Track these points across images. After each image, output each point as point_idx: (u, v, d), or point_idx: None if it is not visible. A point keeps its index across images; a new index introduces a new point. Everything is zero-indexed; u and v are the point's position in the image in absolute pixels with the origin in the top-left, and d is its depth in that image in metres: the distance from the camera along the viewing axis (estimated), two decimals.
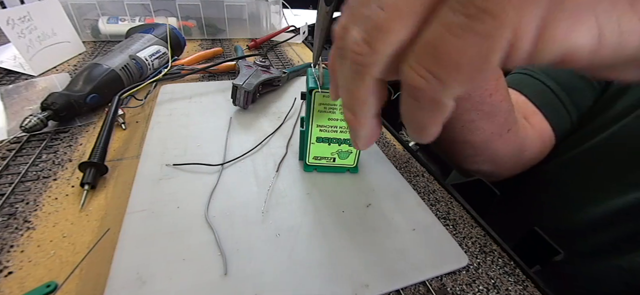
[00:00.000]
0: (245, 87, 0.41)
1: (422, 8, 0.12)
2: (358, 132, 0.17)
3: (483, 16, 0.10)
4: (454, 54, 0.11)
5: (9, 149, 0.36)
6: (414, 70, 0.12)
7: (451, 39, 0.11)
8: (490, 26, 0.10)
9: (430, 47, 0.11)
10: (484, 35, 0.10)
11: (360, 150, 0.19)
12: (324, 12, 0.25)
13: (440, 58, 0.11)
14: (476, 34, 0.10)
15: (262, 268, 0.24)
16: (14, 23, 0.50)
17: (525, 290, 0.25)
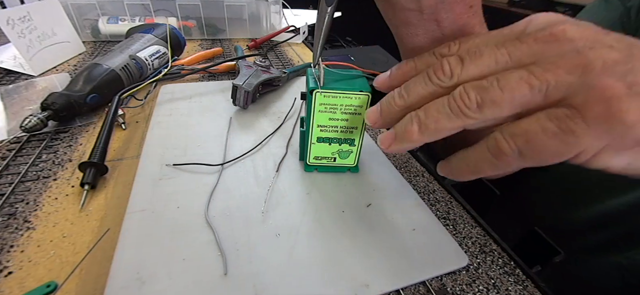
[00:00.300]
0: (245, 87, 0.41)
1: (527, 106, 0.16)
2: (404, 144, 0.21)
3: (570, 133, 0.15)
4: (540, 145, 0.16)
5: (9, 149, 0.36)
6: (505, 141, 0.16)
7: (543, 136, 0.15)
8: (572, 140, 0.15)
9: (525, 132, 0.16)
10: (565, 143, 0.15)
11: (390, 151, 0.22)
12: (324, 13, 0.25)
13: (530, 143, 0.16)
14: (561, 141, 0.15)
15: (262, 268, 0.24)
16: (14, 23, 0.50)
17: (525, 290, 0.25)
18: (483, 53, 0.17)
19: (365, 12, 1.32)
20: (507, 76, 0.16)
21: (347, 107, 0.28)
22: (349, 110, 0.28)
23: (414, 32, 0.26)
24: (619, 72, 0.14)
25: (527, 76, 0.15)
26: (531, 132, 0.16)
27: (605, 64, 0.14)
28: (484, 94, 0.17)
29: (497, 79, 0.16)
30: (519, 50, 0.16)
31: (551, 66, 0.15)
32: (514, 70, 0.16)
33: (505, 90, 0.16)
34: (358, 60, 0.69)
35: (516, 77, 0.16)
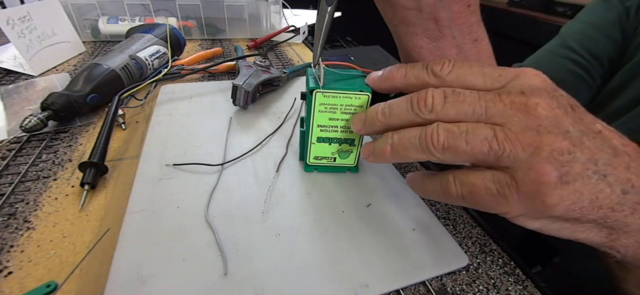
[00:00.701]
0: (245, 87, 0.41)
1: (481, 161, 0.19)
2: (379, 159, 0.23)
3: (504, 197, 0.18)
4: (479, 198, 0.19)
5: (9, 149, 0.36)
6: (454, 185, 0.20)
7: (483, 192, 0.19)
8: (504, 203, 0.19)
9: (471, 185, 0.20)
10: (498, 203, 0.19)
11: (368, 160, 0.25)
12: (324, 13, 0.25)
13: (472, 194, 0.20)
14: (495, 201, 0.19)
15: (262, 268, 0.24)
16: (14, 23, 0.50)
17: (525, 290, 0.25)
18: (465, 99, 0.19)
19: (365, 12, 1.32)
20: (475, 132, 0.19)
21: (347, 107, 0.28)
22: (349, 110, 0.28)
23: (413, 31, 0.26)
24: (558, 162, 0.17)
25: (490, 139, 0.18)
26: (475, 186, 0.19)
27: (552, 152, 0.17)
28: (451, 141, 0.19)
29: (466, 132, 0.19)
30: (495, 107, 0.19)
31: (513, 136, 0.18)
32: (482, 127, 0.19)
33: (469, 145, 0.19)
34: (358, 60, 0.69)
35: (482, 136, 0.18)
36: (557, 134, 0.17)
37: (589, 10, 0.46)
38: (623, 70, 0.40)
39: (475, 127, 0.19)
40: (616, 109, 0.38)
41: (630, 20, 0.40)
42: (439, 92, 0.20)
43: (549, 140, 0.17)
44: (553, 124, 0.18)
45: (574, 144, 0.17)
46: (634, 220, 0.18)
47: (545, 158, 0.17)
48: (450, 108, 0.20)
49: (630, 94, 0.37)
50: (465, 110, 0.19)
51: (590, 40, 0.43)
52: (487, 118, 0.19)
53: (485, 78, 0.20)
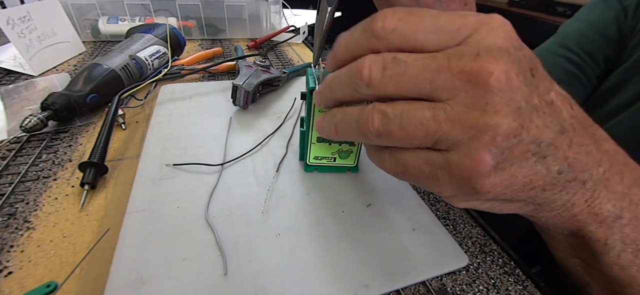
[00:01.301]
0: (245, 87, 0.41)
1: (418, 144, 0.18)
2: (330, 138, 0.22)
3: (436, 179, 0.18)
4: (412, 177, 0.19)
5: (9, 149, 0.36)
6: (389, 162, 0.20)
7: (416, 172, 0.18)
8: (436, 184, 0.18)
9: (405, 164, 0.19)
10: (430, 184, 0.18)
11: (321, 134, 0.23)
12: (325, 12, 0.25)
13: (406, 173, 0.19)
14: (428, 182, 0.18)
15: (262, 268, 0.24)
16: (14, 23, 0.50)
17: (525, 290, 0.25)
18: (407, 70, 0.17)
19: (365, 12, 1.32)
20: (411, 115, 0.17)
21: (347, 106, 0.28)
22: None
23: None
24: (498, 149, 0.16)
25: (427, 122, 0.16)
26: (408, 166, 0.19)
27: (494, 138, 0.15)
28: (385, 125, 0.17)
29: (401, 115, 0.17)
30: (441, 79, 0.16)
31: (454, 116, 0.16)
32: (420, 108, 0.17)
33: (404, 130, 0.17)
34: None
35: (418, 120, 0.17)
36: (505, 114, 0.15)
37: (587, 9, 0.46)
38: (620, 70, 0.40)
39: (412, 108, 0.17)
40: (612, 108, 0.39)
41: (628, 20, 0.40)
42: (377, 61, 0.17)
43: (494, 122, 0.15)
44: (504, 100, 0.15)
45: (522, 124, 0.15)
46: (561, 197, 0.18)
47: (485, 145, 0.15)
48: (389, 82, 0.17)
49: (626, 94, 0.38)
50: (407, 84, 0.17)
51: (587, 40, 0.43)
52: (431, 92, 0.16)
53: (439, 34, 0.17)
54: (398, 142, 0.18)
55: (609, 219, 0.19)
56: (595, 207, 0.19)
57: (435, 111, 0.16)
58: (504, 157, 0.16)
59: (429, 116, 0.16)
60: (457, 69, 0.16)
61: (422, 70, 0.16)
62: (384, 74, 0.17)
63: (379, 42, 0.18)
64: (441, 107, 0.16)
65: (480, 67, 0.15)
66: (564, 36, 0.46)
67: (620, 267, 0.20)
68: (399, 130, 0.17)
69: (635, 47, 0.39)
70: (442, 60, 0.16)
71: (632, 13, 0.40)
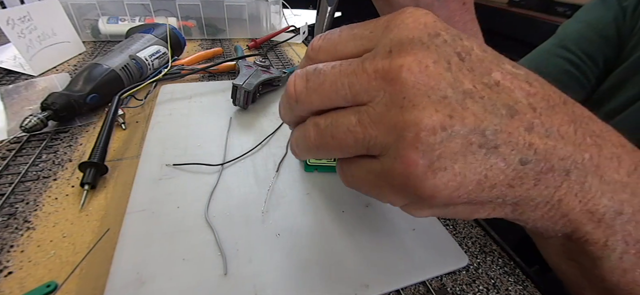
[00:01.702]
0: (245, 87, 0.41)
1: (355, 152, 0.17)
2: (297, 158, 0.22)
3: (379, 189, 0.17)
4: (357, 188, 0.18)
5: (9, 149, 0.36)
6: (341, 170, 0.19)
7: (360, 183, 0.18)
8: (381, 194, 0.17)
9: (345, 174, 0.18)
10: (377, 195, 0.17)
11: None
12: (325, 13, 0.25)
13: (350, 184, 0.18)
14: (375, 193, 0.17)
15: (262, 268, 0.24)
16: (14, 23, 0.50)
17: (525, 290, 0.25)
18: (326, 79, 0.16)
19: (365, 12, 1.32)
20: (339, 122, 0.16)
21: None
22: None
23: None
24: (427, 146, 0.14)
25: (353, 127, 0.16)
26: (356, 177, 0.18)
27: (417, 134, 0.14)
28: (320, 138, 0.17)
29: (331, 124, 0.16)
30: (358, 82, 0.15)
31: (377, 118, 0.15)
32: (346, 115, 0.16)
33: (335, 139, 0.16)
34: None
35: (345, 126, 0.16)
36: (425, 107, 0.14)
37: (587, 10, 0.46)
38: (618, 70, 0.40)
39: (339, 116, 0.16)
40: (612, 109, 0.39)
41: (626, 21, 0.40)
42: (300, 76, 0.17)
43: (413, 117, 0.14)
44: (422, 92, 0.14)
45: (451, 115, 0.14)
46: (539, 192, 0.15)
47: (410, 143, 0.14)
48: (313, 93, 0.17)
49: (625, 94, 0.38)
50: (328, 91, 0.16)
51: (586, 41, 0.43)
52: (353, 97, 0.16)
53: (355, 41, 0.17)
54: (335, 152, 0.17)
55: (608, 216, 0.16)
56: (588, 204, 0.16)
57: (360, 116, 0.16)
58: (437, 155, 0.14)
59: (355, 122, 0.16)
60: (372, 70, 0.15)
61: (340, 76, 0.16)
62: (307, 87, 0.17)
63: (310, 62, 0.18)
64: (365, 111, 0.15)
65: (390, 63, 0.15)
66: (563, 37, 0.46)
67: (623, 270, 0.17)
68: (331, 140, 0.17)
69: (634, 47, 0.39)
70: (357, 64, 0.16)
71: (630, 13, 0.40)
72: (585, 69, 0.43)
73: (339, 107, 0.17)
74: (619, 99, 0.38)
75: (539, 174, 0.15)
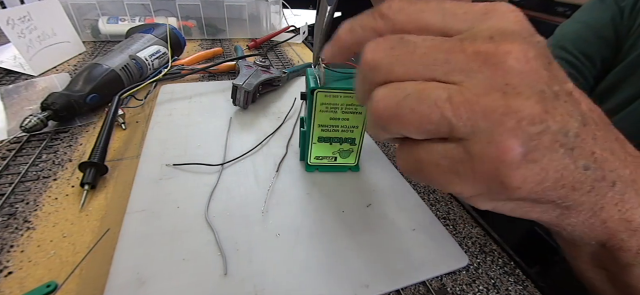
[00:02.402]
0: (245, 87, 0.41)
1: (432, 134, 0.16)
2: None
3: (456, 175, 0.15)
4: (429, 175, 0.16)
5: (9, 149, 0.36)
6: (403, 160, 0.18)
7: (434, 168, 0.16)
8: (457, 181, 0.16)
9: (420, 160, 0.17)
10: (450, 182, 0.16)
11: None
12: (325, 12, 0.25)
13: (422, 171, 0.17)
14: (447, 179, 0.16)
15: (262, 268, 0.24)
16: (14, 23, 0.50)
17: (525, 290, 0.25)
18: (416, 50, 0.15)
19: None
20: (423, 95, 0.15)
21: (348, 106, 0.28)
22: (350, 109, 0.28)
23: None
24: (526, 135, 0.14)
25: (443, 103, 0.14)
26: (423, 163, 0.16)
27: (520, 122, 0.14)
28: (393, 108, 0.16)
29: (411, 95, 0.15)
30: (454, 60, 0.15)
31: (473, 99, 0.14)
32: (432, 88, 0.15)
33: (415, 113, 0.15)
34: (358, 60, 0.69)
35: (431, 100, 0.15)
36: (528, 96, 0.14)
37: (584, 10, 0.46)
38: (615, 71, 0.40)
39: (424, 87, 0.15)
40: (609, 108, 0.39)
41: (624, 21, 0.40)
42: (382, 42, 0.16)
43: (517, 104, 0.14)
44: (526, 82, 0.14)
45: (547, 110, 0.14)
46: (589, 198, 0.16)
47: (511, 129, 0.14)
48: (397, 63, 0.16)
49: (622, 94, 0.38)
50: (416, 65, 0.15)
51: (584, 41, 0.43)
52: (444, 75, 0.15)
53: (445, 17, 0.16)
54: (409, 128, 0.15)
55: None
56: (626, 213, 0.17)
57: (451, 92, 0.14)
58: (533, 145, 0.14)
59: (444, 96, 0.14)
60: (472, 50, 0.14)
61: (433, 50, 0.15)
62: (391, 54, 0.16)
63: (385, 22, 0.17)
64: (456, 88, 0.14)
65: (495, 48, 0.14)
66: (560, 37, 0.46)
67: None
68: (410, 113, 0.15)
69: (631, 47, 0.39)
70: (454, 42, 0.15)
71: (628, 13, 0.40)
72: (583, 69, 0.43)
73: None
74: (616, 99, 0.38)
75: (594, 181, 0.16)
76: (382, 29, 0.17)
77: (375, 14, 0.17)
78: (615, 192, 0.16)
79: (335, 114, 0.29)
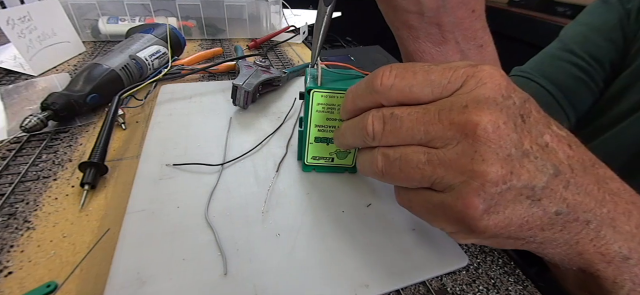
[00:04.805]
0: (245, 87, 0.41)
1: (418, 184, 0.20)
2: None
3: (436, 216, 0.20)
4: (417, 212, 0.21)
5: (9, 149, 0.36)
6: (399, 196, 0.22)
7: (419, 208, 0.21)
8: (437, 221, 0.20)
9: (409, 200, 0.21)
10: (432, 220, 0.21)
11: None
12: (323, 13, 0.25)
13: (412, 209, 0.21)
14: (430, 217, 0.21)
15: (262, 268, 0.24)
16: (14, 23, 0.50)
17: (525, 290, 0.25)
18: (403, 125, 0.19)
19: (365, 12, 1.32)
20: (409, 158, 0.19)
21: None
22: None
23: (415, 35, 0.26)
24: (488, 194, 0.17)
25: (423, 165, 0.18)
26: (413, 203, 0.21)
27: (483, 184, 0.17)
28: (388, 167, 0.20)
29: (400, 158, 0.19)
30: (433, 130, 0.18)
31: (447, 162, 0.17)
32: (416, 153, 0.19)
33: (403, 172, 0.19)
34: (358, 60, 0.69)
35: (414, 163, 0.19)
36: (492, 163, 0.16)
37: (589, 13, 0.45)
38: (623, 75, 0.39)
39: (410, 153, 0.19)
40: (617, 114, 0.38)
41: (630, 24, 0.40)
42: (378, 118, 0.20)
43: (482, 169, 0.16)
44: (492, 149, 0.17)
45: (512, 171, 0.17)
46: (562, 235, 0.19)
47: (474, 190, 0.17)
48: (389, 135, 0.20)
49: (631, 99, 0.37)
50: (404, 135, 0.19)
51: (591, 44, 0.42)
52: (426, 142, 0.18)
53: (432, 87, 0.19)
54: (400, 182, 0.20)
55: (617, 260, 0.19)
56: (601, 248, 0.19)
57: (430, 156, 0.18)
58: (494, 202, 0.17)
59: (424, 160, 0.18)
60: (448, 121, 0.17)
61: (416, 123, 0.18)
62: (384, 129, 0.20)
63: (380, 96, 0.20)
64: (435, 153, 0.18)
65: (467, 119, 0.17)
66: (566, 40, 0.45)
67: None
68: (399, 172, 0.19)
69: (638, 51, 0.38)
70: (433, 114, 0.18)
71: (634, 16, 0.39)
72: (593, 73, 0.42)
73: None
74: (623, 105, 0.38)
75: (566, 222, 0.18)
76: (378, 102, 0.20)
77: (371, 89, 0.20)
78: (591, 230, 0.18)
79: (332, 114, 0.29)
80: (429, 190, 0.19)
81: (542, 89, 0.43)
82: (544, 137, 0.17)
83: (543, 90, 0.43)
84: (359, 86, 0.22)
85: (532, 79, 0.44)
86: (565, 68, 0.43)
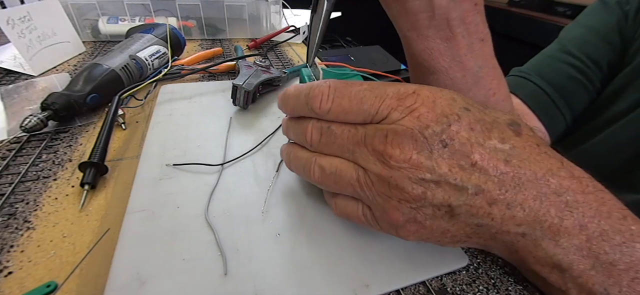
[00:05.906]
0: (245, 87, 0.41)
1: (352, 195, 0.23)
2: (285, 164, 0.28)
3: (373, 226, 0.23)
4: (356, 221, 0.24)
5: (9, 149, 0.36)
6: (335, 207, 0.25)
7: (356, 218, 0.24)
8: (375, 230, 0.23)
9: (345, 211, 0.24)
10: (372, 228, 0.24)
11: None
12: (322, 11, 0.25)
13: (349, 217, 0.25)
14: (370, 227, 0.24)
15: (262, 268, 0.24)
16: (14, 23, 0.50)
17: (525, 290, 0.25)
18: (336, 141, 0.22)
19: (365, 12, 1.32)
20: (343, 174, 0.21)
21: None
22: None
23: (424, 34, 0.26)
24: (406, 209, 0.20)
25: (353, 182, 0.21)
26: (350, 215, 0.24)
27: (400, 201, 0.19)
28: (324, 178, 0.23)
29: (335, 172, 0.22)
30: (359, 152, 0.20)
31: (371, 184, 0.20)
32: (349, 169, 0.21)
33: (337, 185, 0.22)
34: (358, 60, 0.69)
35: (347, 179, 0.21)
36: (405, 186, 0.19)
37: (587, 14, 0.46)
38: (621, 75, 0.40)
39: (344, 168, 0.21)
40: (614, 113, 0.38)
41: (628, 25, 0.40)
42: (316, 128, 0.22)
43: (396, 193, 0.19)
44: (405, 175, 0.19)
45: (425, 192, 0.19)
46: (496, 244, 0.21)
47: (394, 206, 0.20)
48: (325, 146, 0.22)
49: (626, 101, 0.38)
50: (337, 149, 0.22)
51: (589, 45, 0.43)
52: (354, 159, 0.21)
53: (364, 116, 0.21)
54: (335, 190, 0.23)
55: (557, 271, 0.20)
56: (541, 259, 0.20)
57: (359, 176, 0.21)
58: (412, 215, 0.20)
59: (355, 178, 0.21)
60: (371, 147, 0.20)
61: (347, 142, 0.21)
62: (320, 140, 0.22)
63: (317, 115, 0.22)
64: (363, 174, 0.21)
65: (383, 149, 0.19)
66: (565, 42, 0.45)
67: None
68: (333, 184, 0.22)
69: (636, 52, 0.39)
70: (361, 136, 0.20)
71: (632, 18, 0.40)
72: (590, 74, 0.42)
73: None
74: (620, 105, 0.38)
75: (495, 233, 0.20)
76: (315, 118, 0.23)
77: (310, 109, 0.22)
78: (528, 242, 0.20)
79: None
80: (361, 202, 0.22)
81: (538, 88, 0.43)
82: (471, 156, 0.19)
83: (539, 89, 0.43)
84: (299, 97, 0.23)
85: (530, 79, 0.44)
86: (562, 69, 0.44)
